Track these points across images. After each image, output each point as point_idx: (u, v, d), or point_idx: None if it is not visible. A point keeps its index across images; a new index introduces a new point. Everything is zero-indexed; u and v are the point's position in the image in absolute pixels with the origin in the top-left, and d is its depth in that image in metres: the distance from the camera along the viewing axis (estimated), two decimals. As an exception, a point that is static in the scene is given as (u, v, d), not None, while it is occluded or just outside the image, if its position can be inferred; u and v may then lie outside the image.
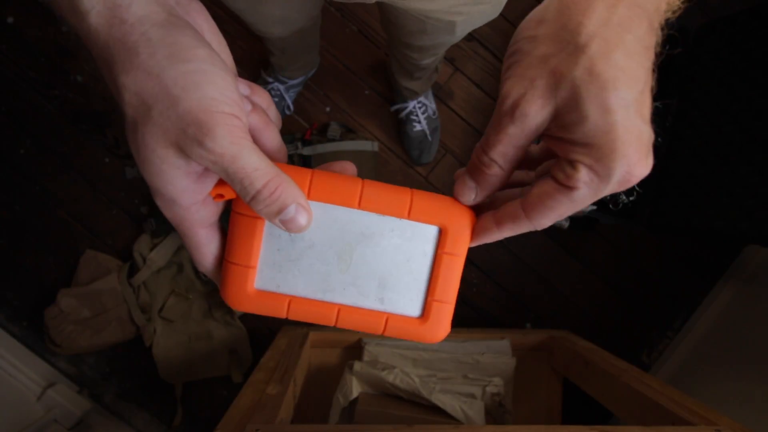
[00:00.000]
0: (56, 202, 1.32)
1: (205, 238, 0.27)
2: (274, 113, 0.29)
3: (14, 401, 1.23)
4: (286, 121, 1.30)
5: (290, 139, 1.25)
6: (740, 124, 1.02)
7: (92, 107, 1.30)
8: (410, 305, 0.30)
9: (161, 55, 0.22)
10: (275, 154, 0.28)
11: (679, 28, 1.14)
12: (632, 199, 1.16)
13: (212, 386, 1.34)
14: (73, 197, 1.32)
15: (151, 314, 1.26)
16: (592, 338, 1.17)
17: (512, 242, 1.37)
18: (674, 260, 1.38)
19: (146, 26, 0.22)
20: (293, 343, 0.99)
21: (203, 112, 0.22)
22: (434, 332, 0.30)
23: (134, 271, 1.28)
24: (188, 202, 0.25)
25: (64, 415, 1.27)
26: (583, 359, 1.03)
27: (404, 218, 0.28)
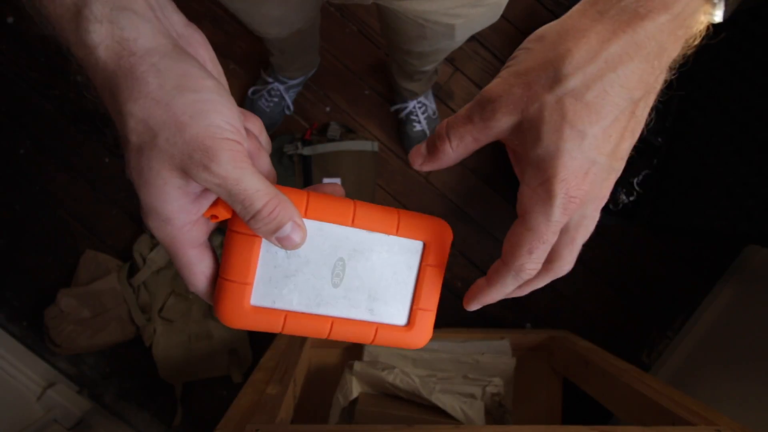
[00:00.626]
0: (56, 202, 1.32)
1: (195, 257, 0.28)
2: (265, 139, 0.31)
3: (14, 401, 1.23)
4: (286, 121, 1.30)
5: (290, 139, 1.25)
6: (740, 124, 1.02)
7: (92, 107, 1.30)
8: (397, 315, 0.32)
9: (170, 85, 0.23)
10: (266, 177, 0.29)
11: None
12: (632, 199, 1.16)
13: (212, 386, 1.34)
14: (73, 197, 1.32)
15: (151, 314, 1.26)
16: (592, 338, 1.17)
17: (512, 242, 1.37)
18: (674, 260, 1.38)
19: (155, 58, 0.23)
20: (293, 343, 0.99)
21: (209, 138, 0.23)
22: (418, 338, 0.32)
23: (134, 271, 1.28)
24: (182, 221, 0.26)
25: (64, 415, 1.27)
26: (583, 359, 1.03)
27: (393, 234, 0.31)
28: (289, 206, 0.26)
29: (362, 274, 0.30)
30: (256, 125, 0.30)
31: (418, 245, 0.31)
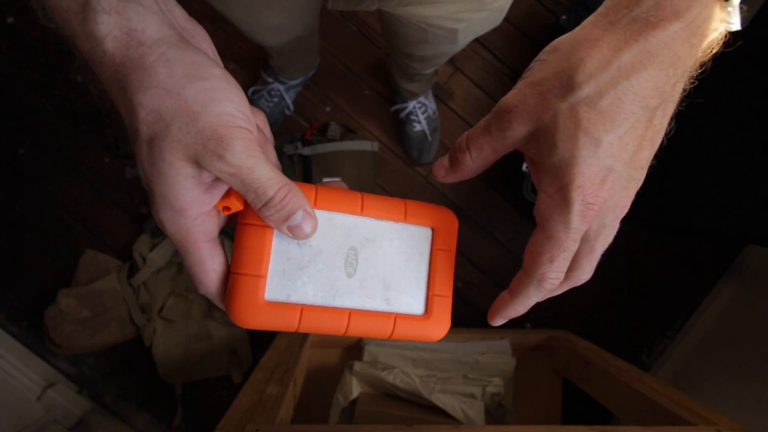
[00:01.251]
0: (56, 202, 1.32)
1: (208, 252, 0.27)
2: (269, 133, 0.31)
3: (14, 401, 1.22)
4: (286, 121, 1.30)
5: (290, 139, 1.25)
6: (740, 124, 1.02)
7: (92, 107, 1.30)
8: (414, 303, 0.31)
9: (180, 74, 0.23)
10: None
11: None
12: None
13: (212, 386, 1.34)
14: (73, 197, 1.32)
15: (150, 314, 1.26)
16: (592, 338, 1.17)
17: (512, 242, 1.37)
18: (674, 260, 1.38)
19: (163, 47, 0.23)
20: (293, 343, 0.99)
21: (222, 127, 0.23)
22: (437, 329, 0.31)
23: (134, 271, 1.28)
24: (196, 213, 0.26)
25: (64, 415, 1.27)
26: (583, 359, 1.03)
27: (401, 221, 0.31)
28: (299, 195, 0.26)
29: (375, 262, 0.30)
30: (260, 119, 0.30)
31: (427, 231, 0.31)
